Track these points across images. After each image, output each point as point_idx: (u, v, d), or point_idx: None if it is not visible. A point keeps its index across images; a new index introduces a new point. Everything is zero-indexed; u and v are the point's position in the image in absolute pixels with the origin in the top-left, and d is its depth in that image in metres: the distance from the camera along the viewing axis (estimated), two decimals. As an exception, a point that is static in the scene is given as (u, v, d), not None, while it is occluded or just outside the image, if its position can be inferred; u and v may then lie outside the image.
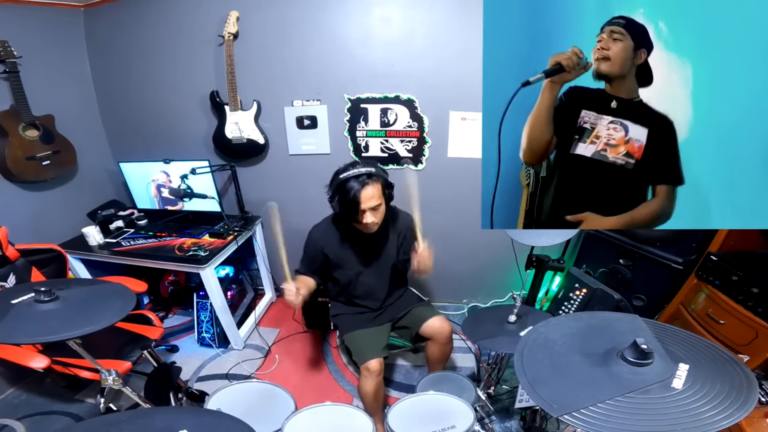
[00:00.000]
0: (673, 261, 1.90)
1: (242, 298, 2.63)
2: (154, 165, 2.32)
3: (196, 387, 1.97)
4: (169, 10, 2.15)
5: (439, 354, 1.76)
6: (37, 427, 1.80)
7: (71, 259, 2.13)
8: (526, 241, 1.77)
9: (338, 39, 2.09)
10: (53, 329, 1.00)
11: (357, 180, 1.41)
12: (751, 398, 0.69)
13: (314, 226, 1.72)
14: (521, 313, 1.49)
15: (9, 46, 1.83)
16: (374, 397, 1.60)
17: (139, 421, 0.84)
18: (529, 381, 0.82)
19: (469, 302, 2.78)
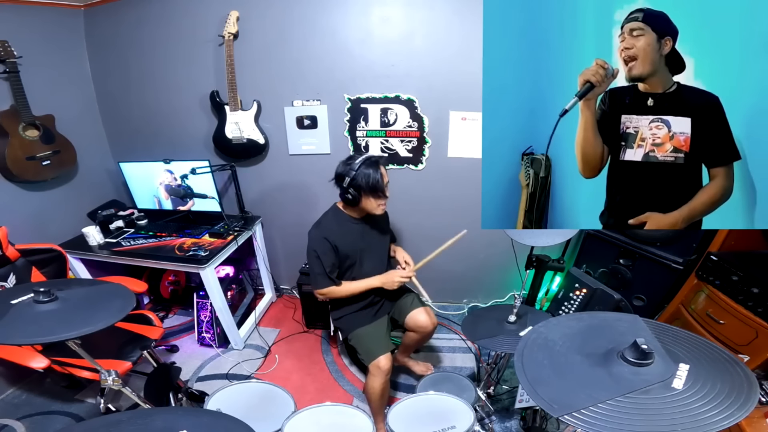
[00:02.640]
0: (673, 261, 1.90)
1: (242, 298, 2.63)
2: (155, 165, 2.32)
3: (196, 387, 1.97)
4: (169, 10, 2.15)
5: (414, 344, 1.85)
6: (37, 427, 1.80)
7: (71, 259, 2.13)
8: (526, 241, 1.77)
9: (338, 39, 2.09)
10: (52, 330, 1.00)
11: (370, 163, 1.51)
12: (751, 398, 0.69)
13: (315, 228, 1.64)
14: (521, 313, 1.49)
15: (9, 46, 1.83)
16: (381, 395, 1.61)
17: (139, 422, 0.84)
18: (529, 381, 0.82)
19: (469, 302, 2.78)
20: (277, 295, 2.91)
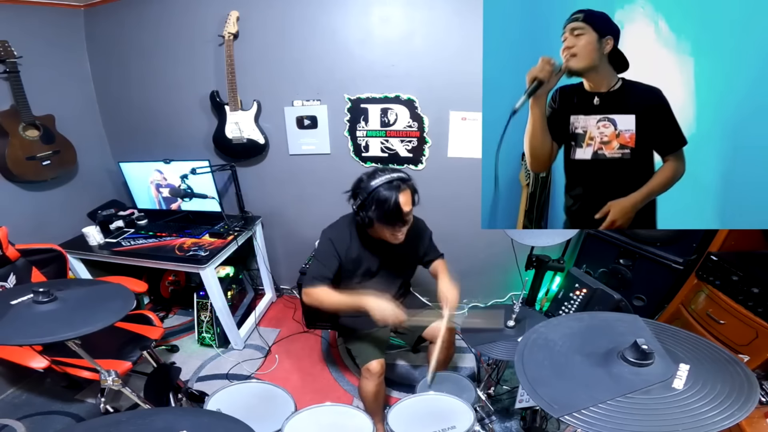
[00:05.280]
0: (674, 261, 1.89)
1: (242, 298, 2.63)
2: (155, 165, 2.32)
3: (196, 387, 1.97)
4: (169, 10, 2.15)
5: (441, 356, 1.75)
6: (37, 427, 1.80)
7: (71, 259, 2.13)
8: (526, 241, 1.77)
9: (338, 39, 2.09)
10: (52, 330, 1.00)
11: (392, 186, 1.32)
12: (751, 398, 0.69)
13: (329, 228, 1.57)
14: (520, 317, 1.48)
15: (9, 46, 1.83)
16: (375, 397, 1.60)
17: (139, 422, 0.83)
18: (530, 381, 0.82)
19: (469, 302, 2.77)
20: (277, 295, 2.91)
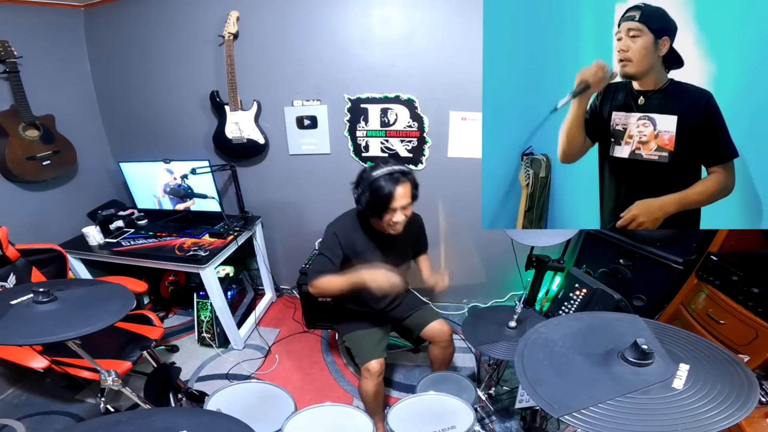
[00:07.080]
0: (674, 261, 1.89)
1: (242, 298, 2.63)
2: (154, 165, 2.32)
3: (196, 387, 1.97)
4: (169, 10, 2.15)
5: (441, 356, 1.76)
6: (37, 427, 1.80)
7: (71, 259, 2.13)
8: (526, 241, 1.77)
9: (338, 39, 2.09)
10: (52, 330, 1.00)
11: (391, 177, 1.38)
12: (751, 398, 0.69)
13: (334, 222, 1.61)
14: (522, 318, 1.48)
15: (9, 46, 1.83)
16: (374, 397, 1.60)
17: (139, 422, 0.83)
18: (530, 381, 0.81)
19: (469, 302, 2.77)
20: (277, 295, 2.91)
